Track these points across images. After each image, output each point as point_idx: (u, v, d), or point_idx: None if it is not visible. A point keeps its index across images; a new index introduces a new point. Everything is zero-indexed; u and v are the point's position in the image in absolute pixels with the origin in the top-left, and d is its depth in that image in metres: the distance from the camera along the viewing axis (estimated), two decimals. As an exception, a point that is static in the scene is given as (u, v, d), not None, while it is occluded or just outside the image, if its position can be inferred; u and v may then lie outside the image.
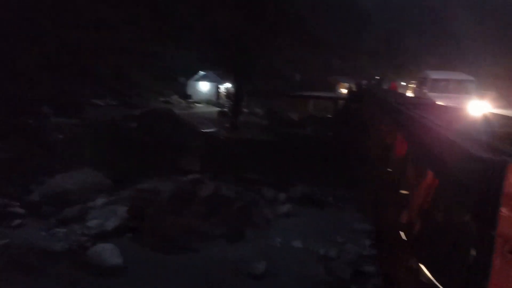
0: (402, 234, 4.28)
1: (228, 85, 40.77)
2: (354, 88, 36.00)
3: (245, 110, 33.00)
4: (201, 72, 42.61)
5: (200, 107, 38.61)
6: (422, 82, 17.09)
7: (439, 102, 11.87)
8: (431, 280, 3.30)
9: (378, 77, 34.67)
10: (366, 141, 12.90)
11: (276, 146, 21.23)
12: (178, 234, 14.24)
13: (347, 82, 46.43)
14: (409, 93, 30.02)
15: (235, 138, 22.93)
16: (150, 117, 22.43)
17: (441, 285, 3.11)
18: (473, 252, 2.35)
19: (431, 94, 14.85)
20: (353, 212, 16.44)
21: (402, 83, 47.37)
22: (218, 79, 42.02)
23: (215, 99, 42.38)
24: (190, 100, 39.61)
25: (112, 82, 33.20)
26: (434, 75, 16.58)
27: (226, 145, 22.08)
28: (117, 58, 35.94)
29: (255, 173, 19.73)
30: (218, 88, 42.80)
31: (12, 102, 22.89)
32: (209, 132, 23.97)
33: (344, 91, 43.24)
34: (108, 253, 12.77)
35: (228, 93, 39.80)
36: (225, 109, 34.57)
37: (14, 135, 20.60)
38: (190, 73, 43.21)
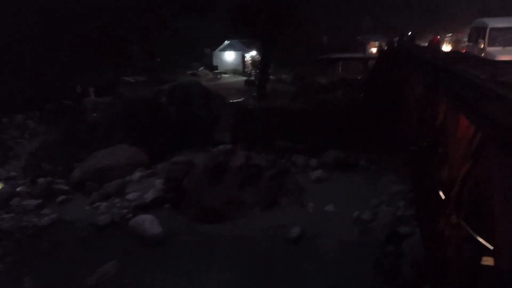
0: (441, 192, 4.16)
1: (253, 53, 40.17)
2: (385, 47, 34.46)
3: (271, 77, 32.48)
4: (226, 42, 42.14)
5: (227, 77, 38.48)
6: (476, 34, 13.00)
7: (504, 58, 9.40)
8: (473, 235, 3.21)
9: (410, 33, 32.83)
10: (401, 101, 12.39)
11: (305, 112, 20.89)
12: (214, 204, 14.54)
13: (377, 41, 44.45)
14: (447, 48, 28.28)
15: (264, 107, 22.67)
16: (179, 91, 22.63)
17: (483, 239, 3.02)
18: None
19: (492, 50, 11.24)
20: (387, 174, 16.15)
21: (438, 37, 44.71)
22: (243, 48, 41.46)
23: (241, 68, 42.00)
24: (216, 71, 39.53)
25: (142, 60, 33.75)
26: (495, 23, 12.08)
27: (255, 114, 21.92)
28: (145, 36, 36.24)
29: (286, 140, 19.64)
30: (243, 57, 42.32)
31: (52, 86, 23.83)
32: (237, 102, 23.89)
33: (375, 50, 41.53)
34: (148, 223, 13.31)
35: (254, 61, 39.26)
36: (252, 78, 34.17)
37: (56, 117, 21.58)
38: (216, 44, 42.89)
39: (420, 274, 8.60)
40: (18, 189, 16.43)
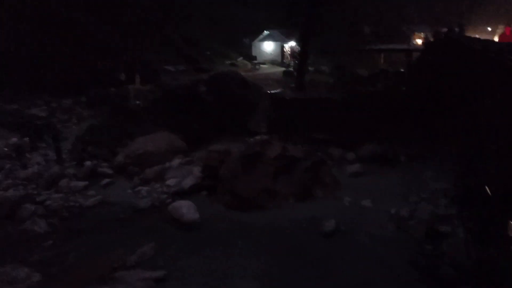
0: (487, 189, 3.95)
1: (292, 43, 39.79)
2: (431, 38, 32.94)
3: (310, 68, 32.11)
4: (266, 32, 42.05)
5: (265, 68, 38.47)
6: None
7: None
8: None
9: (462, 24, 31.04)
10: (453, 93, 11.76)
11: (343, 103, 20.46)
12: (248, 193, 14.63)
13: (423, 32, 42.64)
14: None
15: (301, 98, 22.24)
16: (218, 80, 22.94)
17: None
18: None
19: None
20: (427, 171, 15.57)
21: (489, 29, 42.22)
22: (282, 38, 41.18)
23: (279, 58, 41.85)
24: (255, 61, 39.72)
25: (182, 48, 34.69)
26: None
27: (292, 105, 21.37)
28: (186, 24, 37.02)
29: (323, 132, 19.38)
30: (282, 47, 42.02)
31: (97, 73, 25.02)
32: (274, 92, 23.90)
33: (420, 42, 39.88)
34: (185, 209, 13.62)
35: (292, 52, 38.88)
36: (290, 69, 33.93)
37: (101, 103, 22.67)
38: (255, 34, 42.94)
39: (460, 275, 8.30)
40: (66, 171, 17.42)
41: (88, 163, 17.39)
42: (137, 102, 21.22)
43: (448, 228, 11.35)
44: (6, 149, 19.65)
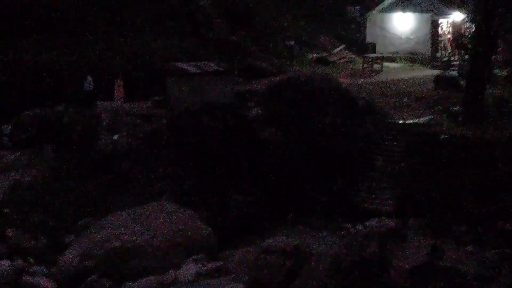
0: None
1: (456, 18, 23.85)
2: None
3: (498, 71, 18.00)
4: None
5: (395, 69, 21.87)
6: None
7: None
8: None
9: None
10: None
11: None
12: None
13: None
14: None
15: (478, 140, 12.05)
16: (289, 96, 11.96)
17: None
18: None
19: None
20: None
21: None
22: (435, 7, 25.27)
23: (427, 49, 23.53)
24: (371, 55, 22.18)
25: (219, 28, 21.58)
26: None
27: (455, 154, 11.92)
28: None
29: None
30: (434, 25, 25.80)
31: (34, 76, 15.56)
32: (413, 124, 12.93)
33: None
34: None
35: (457, 36, 23.14)
36: (452, 72, 19.61)
37: (41, 138, 13.09)
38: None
39: None
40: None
41: (5, 264, 9.08)
42: (115, 137, 12.12)
43: None
44: None
